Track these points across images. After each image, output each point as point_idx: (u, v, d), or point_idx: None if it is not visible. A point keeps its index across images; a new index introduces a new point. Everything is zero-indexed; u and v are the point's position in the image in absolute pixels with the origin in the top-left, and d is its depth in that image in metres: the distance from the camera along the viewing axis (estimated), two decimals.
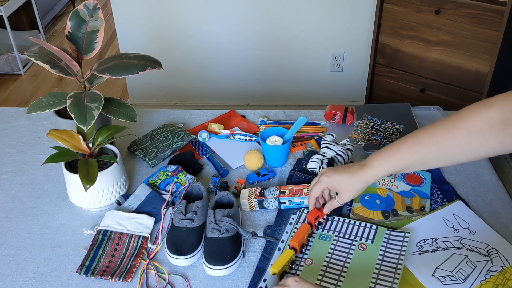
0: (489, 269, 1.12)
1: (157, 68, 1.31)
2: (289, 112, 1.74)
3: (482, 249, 1.17)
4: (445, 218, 1.25)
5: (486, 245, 1.18)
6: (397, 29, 2.51)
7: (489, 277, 1.09)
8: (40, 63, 1.30)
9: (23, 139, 1.63)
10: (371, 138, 1.57)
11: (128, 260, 1.18)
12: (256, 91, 3.21)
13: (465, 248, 1.17)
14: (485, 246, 1.18)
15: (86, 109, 1.22)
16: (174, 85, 3.20)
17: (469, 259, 1.14)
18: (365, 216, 1.28)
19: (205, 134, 1.58)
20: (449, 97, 2.48)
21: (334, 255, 1.16)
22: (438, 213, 1.27)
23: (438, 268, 1.12)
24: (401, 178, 1.40)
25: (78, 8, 1.33)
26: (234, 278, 1.14)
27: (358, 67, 3.08)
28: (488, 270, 1.11)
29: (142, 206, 1.32)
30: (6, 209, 1.35)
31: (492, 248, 1.17)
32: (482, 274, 1.10)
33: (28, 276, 1.15)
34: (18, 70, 3.74)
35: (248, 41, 3.00)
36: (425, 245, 1.17)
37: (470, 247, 1.17)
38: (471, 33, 2.26)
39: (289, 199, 1.29)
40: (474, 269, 1.11)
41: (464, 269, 1.11)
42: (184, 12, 2.91)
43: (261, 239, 1.23)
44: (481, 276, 1.10)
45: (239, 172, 1.47)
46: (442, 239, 1.19)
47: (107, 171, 1.27)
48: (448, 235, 1.20)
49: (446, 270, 1.11)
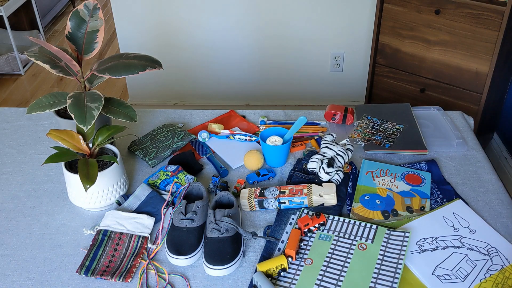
0: (489, 268, 1.12)
1: (157, 68, 1.31)
2: (289, 112, 1.74)
3: (482, 248, 1.17)
4: (445, 217, 1.25)
5: (486, 244, 1.18)
6: (397, 29, 2.51)
7: (488, 275, 1.10)
8: (40, 63, 1.30)
9: (23, 139, 1.63)
10: (371, 138, 1.57)
11: (128, 260, 1.18)
12: (256, 91, 3.21)
13: (465, 247, 1.17)
14: (485, 245, 1.18)
15: (86, 109, 1.23)
16: (174, 85, 3.20)
17: (469, 257, 1.14)
18: (365, 216, 1.28)
19: (205, 134, 1.58)
20: (449, 97, 2.48)
21: (334, 255, 1.16)
22: (439, 211, 1.27)
23: (438, 266, 1.12)
24: (401, 178, 1.40)
25: (78, 8, 1.33)
26: (234, 278, 1.14)
27: (358, 67, 3.08)
28: (487, 269, 1.11)
29: (142, 206, 1.32)
30: (6, 209, 1.35)
31: (492, 247, 1.17)
32: (482, 273, 1.10)
33: (28, 276, 1.15)
34: (18, 70, 3.74)
35: (248, 41, 3.00)
36: (425, 243, 1.18)
37: (470, 246, 1.17)
38: (471, 33, 2.26)
39: (289, 199, 1.29)
40: (474, 268, 1.12)
41: (464, 267, 1.11)
42: (184, 12, 2.91)
43: (261, 239, 1.23)
44: (481, 275, 1.10)
45: (239, 172, 1.47)
46: (442, 237, 1.19)
47: (107, 171, 1.27)
48: (448, 234, 1.20)
49: (446, 268, 1.11)
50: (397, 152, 1.52)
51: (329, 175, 1.36)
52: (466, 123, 1.69)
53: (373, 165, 1.46)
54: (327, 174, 1.36)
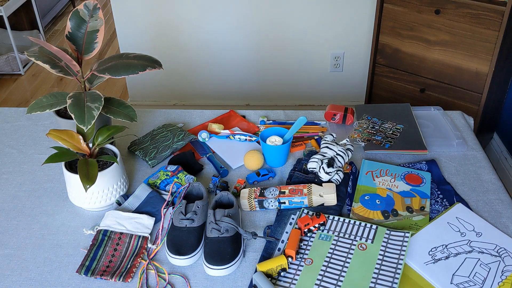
0: (503, 269, 1.12)
1: (157, 68, 1.31)
2: (289, 112, 1.74)
3: (492, 249, 1.17)
4: (450, 223, 1.25)
5: (495, 245, 1.18)
6: (397, 29, 2.51)
7: (504, 277, 1.10)
8: (40, 63, 1.30)
9: (23, 139, 1.63)
10: (371, 138, 1.57)
11: (128, 260, 1.18)
12: (256, 91, 3.21)
13: (475, 251, 1.17)
14: (493, 246, 1.18)
15: (86, 109, 1.23)
16: (174, 85, 3.20)
17: (482, 261, 1.14)
18: (365, 216, 1.28)
19: (205, 134, 1.58)
20: (449, 97, 2.48)
21: (334, 255, 1.16)
22: (442, 218, 1.27)
23: (454, 275, 1.11)
24: (401, 178, 1.40)
25: (78, 8, 1.33)
26: (234, 278, 1.14)
27: (358, 67, 3.08)
28: (502, 271, 1.12)
29: (142, 206, 1.32)
30: (6, 209, 1.35)
31: (501, 247, 1.17)
32: (498, 276, 1.11)
33: (28, 276, 1.15)
34: (18, 70, 3.74)
35: (248, 41, 3.00)
36: (437, 253, 1.17)
37: (480, 249, 1.17)
38: (471, 33, 2.26)
39: (289, 199, 1.29)
40: (489, 271, 1.12)
41: (479, 272, 1.11)
42: (184, 12, 2.91)
43: (261, 239, 1.23)
44: (497, 278, 1.10)
45: (239, 172, 1.47)
46: (452, 244, 1.19)
47: (107, 171, 1.27)
48: (457, 239, 1.20)
49: (463, 276, 1.11)
50: (397, 152, 1.52)
51: (329, 175, 1.36)
52: (466, 123, 1.69)
53: (373, 165, 1.46)
54: (327, 174, 1.36)
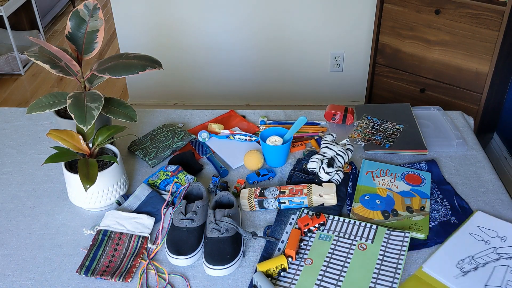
0: None
1: (157, 68, 1.31)
2: (289, 112, 1.74)
3: None
4: (472, 233, 1.23)
5: None
6: (397, 29, 2.51)
7: None
8: (40, 63, 1.30)
9: (23, 139, 1.63)
10: (371, 138, 1.57)
11: (128, 260, 1.18)
12: (256, 91, 3.21)
13: (503, 257, 1.15)
14: None
15: (86, 109, 1.23)
16: (174, 85, 3.20)
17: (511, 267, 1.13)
18: (365, 216, 1.28)
19: (205, 134, 1.58)
20: (449, 97, 2.48)
21: (334, 255, 1.16)
22: (463, 229, 1.24)
23: (487, 286, 1.10)
24: (401, 178, 1.40)
25: (78, 8, 1.33)
26: (234, 278, 1.14)
27: (358, 67, 3.08)
28: None
29: (142, 206, 1.32)
30: (6, 209, 1.35)
31: None
32: None
33: (28, 276, 1.15)
34: (18, 70, 3.74)
35: (248, 41, 3.00)
36: (464, 265, 1.15)
37: (508, 254, 1.16)
38: (471, 33, 2.26)
39: (289, 199, 1.29)
40: None
41: (511, 280, 1.10)
42: (184, 12, 2.91)
43: (261, 239, 1.23)
44: None
45: (239, 172, 1.47)
46: (478, 254, 1.17)
47: (107, 171, 1.27)
48: (482, 249, 1.18)
49: (496, 285, 1.10)
50: (397, 152, 1.52)
51: (329, 175, 1.36)
52: (466, 123, 1.69)
53: (373, 165, 1.46)
54: (327, 174, 1.36)
